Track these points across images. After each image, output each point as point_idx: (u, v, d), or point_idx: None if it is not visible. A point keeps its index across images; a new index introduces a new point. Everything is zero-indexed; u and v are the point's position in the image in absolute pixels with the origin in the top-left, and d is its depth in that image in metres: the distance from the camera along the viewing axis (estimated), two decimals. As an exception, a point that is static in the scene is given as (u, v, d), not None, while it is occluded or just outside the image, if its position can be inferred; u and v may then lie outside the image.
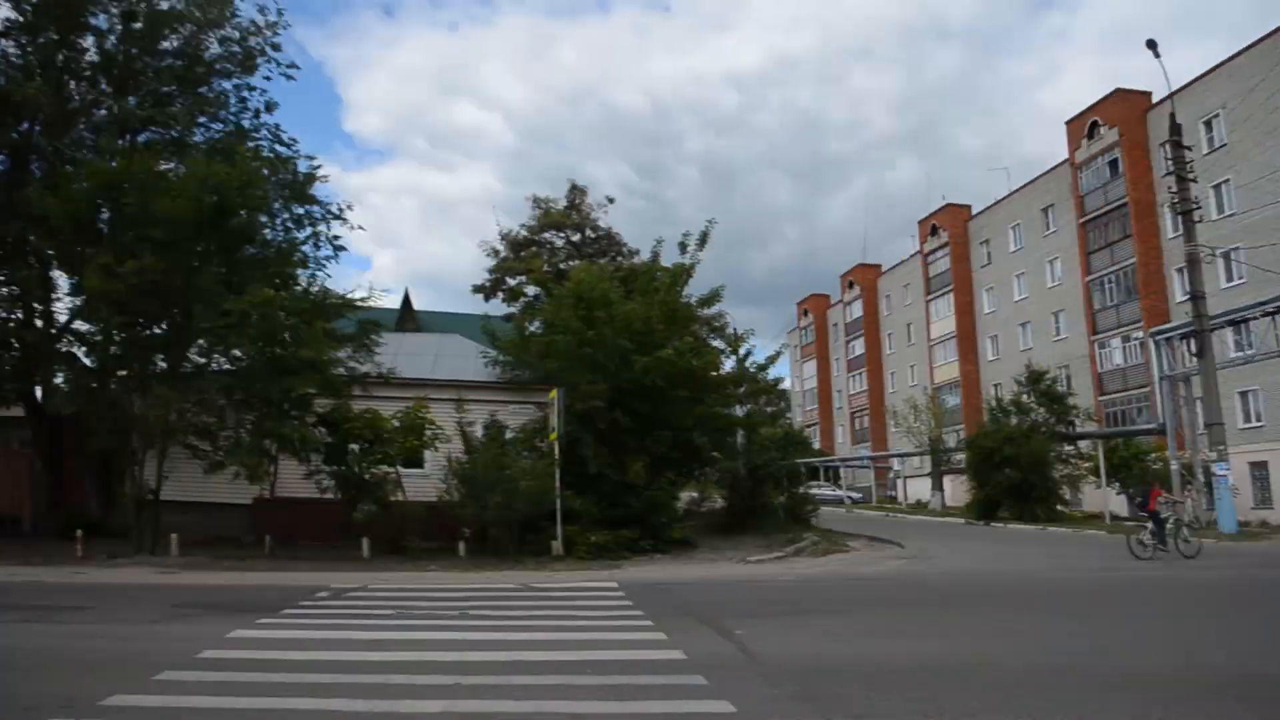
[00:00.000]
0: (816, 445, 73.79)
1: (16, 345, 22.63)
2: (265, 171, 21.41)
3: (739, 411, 28.83)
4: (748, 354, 28.68)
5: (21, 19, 22.35)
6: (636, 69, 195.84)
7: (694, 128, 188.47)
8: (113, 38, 23.57)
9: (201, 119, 25.03)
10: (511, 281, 42.97)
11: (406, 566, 18.44)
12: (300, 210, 23.06)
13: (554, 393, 20.63)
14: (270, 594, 14.10)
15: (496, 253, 44.20)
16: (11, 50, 22.74)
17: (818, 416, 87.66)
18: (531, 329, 26.54)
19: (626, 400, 22.13)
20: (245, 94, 25.64)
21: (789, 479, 29.69)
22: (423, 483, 21.79)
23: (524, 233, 44.14)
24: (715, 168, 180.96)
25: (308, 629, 10.70)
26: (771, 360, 29.94)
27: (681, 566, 18.98)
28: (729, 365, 28.28)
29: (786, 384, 78.34)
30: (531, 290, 39.37)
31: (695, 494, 29.77)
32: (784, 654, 8.93)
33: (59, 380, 23.69)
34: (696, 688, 7.51)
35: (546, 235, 44.48)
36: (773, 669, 8.21)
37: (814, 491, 35.71)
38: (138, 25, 23.42)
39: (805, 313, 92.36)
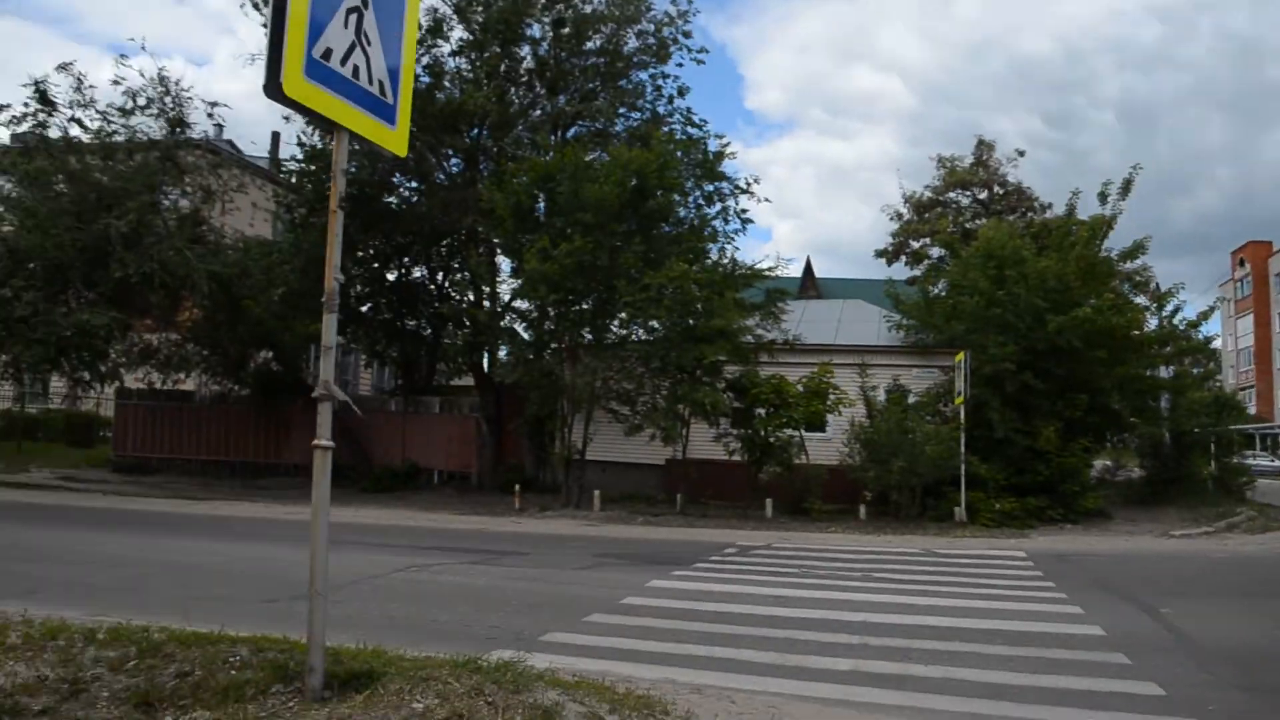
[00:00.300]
0: (1252, 410, 65.17)
1: (468, 324, 25.76)
2: (679, 154, 22.40)
3: (1163, 373, 26.46)
4: (1175, 310, 26.17)
5: (471, 37, 25.39)
6: (1045, 12, 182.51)
7: (1109, 68, 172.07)
8: (544, 44, 26.01)
9: (621, 110, 26.85)
10: (915, 244, 42.27)
11: (808, 527, 18.88)
12: (710, 187, 23.89)
13: (960, 355, 20.21)
14: (682, 548, 15.11)
15: (899, 216, 43.60)
16: (464, 66, 25.83)
17: (1254, 379, 76.82)
18: (936, 291, 25.95)
19: (1038, 362, 21.10)
20: (660, 82, 27.20)
21: (1219, 447, 26.65)
22: (825, 446, 22.05)
23: (928, 194, 43.15)
24: (1133, 109, 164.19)
25: (718, 582, 11.37)
26: (1203, 317, 26.97)
27: (1095, 538, 17.87)
28: (1152, 323, 26.03)
29: (1217, 343, 69.77)
30: (936, 252, 38.47)
31: (1108, 462, 27.76)
32: (1217, 636, 8.32)
33: (502, 353, 26.64)
34: (1118, 666, 7.24)
35: (952, 195, 43.16)
36: (1204, 652, 7.72)
37: (1249, 462, 31.61)
38: (566, 30, 25.61)
39: (1241, 262, 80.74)
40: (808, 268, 46.05)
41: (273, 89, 4.12)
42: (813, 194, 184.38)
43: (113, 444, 30.56)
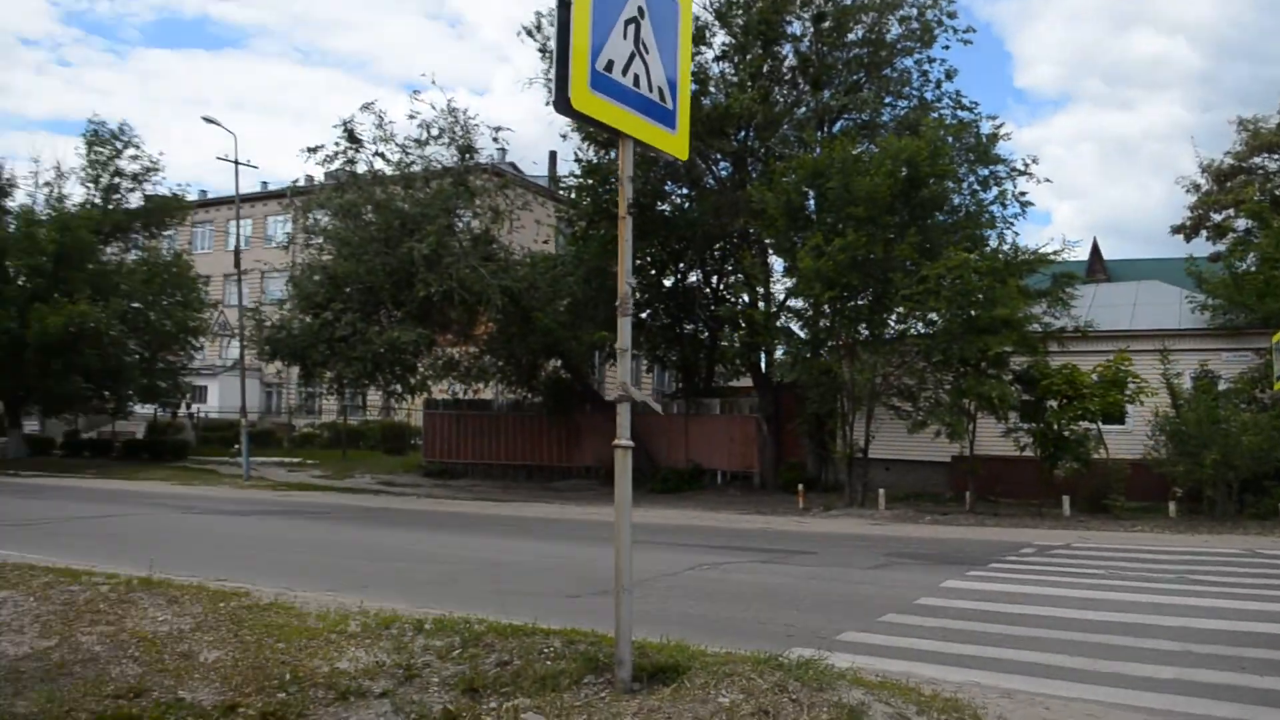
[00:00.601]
0: None
1: (744, 325, 26.01)
2: (950, 139, 21.77)
3: None
4: None
5: (733, 41, 25.65)
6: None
7: None
8: (806, 41, 25.86)
9: (887, 99, 26.22)
10: (1217, 217, 38.68)
11: (1110, 526, 17.74)
12: (985, 172, 23.15)
13: (1278, 335, 18.37)
14: (974, 548, 14.53)
15: (1196, 188, 40.01)
16: (728, 70, 26.14)
17: None
18: (1245, 267, 23.59)
19: (1371, 338, 18.79)
20: (926, 67, 26.40)
21: None
22: (1125, 439, 20.71)
23: (1229, 161, 39.31)
24: None
25: (1017, 583, 10.86)
26: None
27: None
28: None
29: None
30: (1242, 224, 35.00)
31: None
32: None
33: (779, 353, 26.72)
34: None
35: (1257, 160, 39.10)
36: None
37: None
38: (826, 24, 25.34)
39: None
40: (1094, 250, 43.11)
41: (561, 104, 4.33)
42: (1094, 171, 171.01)
43: (423, 451, 33.18)
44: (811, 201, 22.24)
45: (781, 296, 25.97)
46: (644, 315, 28.87)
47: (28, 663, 5.96)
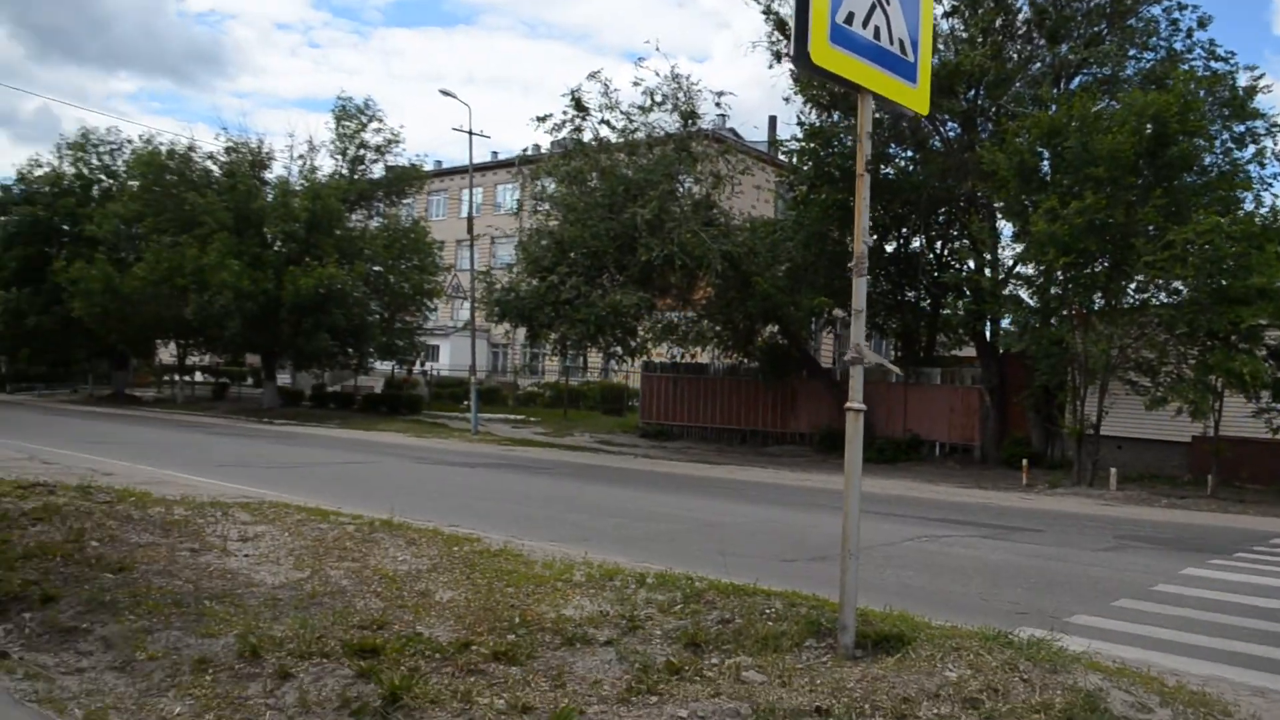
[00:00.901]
0: None
1: (969, 292, 25.04)
2: (1201, 93, 20.22)
3: None
4: None
5: (964, -4, 24.56)
6: None
7: None
8: (1042, -8, 24.47)
9: (1131, 51, 24.54)
10: None
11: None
12: (1241, 128, 21.41)
13: None
14: (1217, 535, 13.68)
15: None
16: (957, 26, 25.04)
17: None
18: None
19: None
20: (1175, 15, 24.48)
21: None
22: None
23: None
24: None
25: (1267, 575, 10.13)
26: None
27: None
28: None
29: None
30: None
31: None
32: None
33: (1005, 322, 25.58)
34: None
35: None
36: None
37: None
38: (1066, -27, 23.91)
39: None
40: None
41: (800, 59, 4.27)
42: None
43: (640, 412, 33.85)
44: (1046, 162, 21.14)
45: (1010, 263, 24.87)
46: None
47: (283, 591, 6.52)
